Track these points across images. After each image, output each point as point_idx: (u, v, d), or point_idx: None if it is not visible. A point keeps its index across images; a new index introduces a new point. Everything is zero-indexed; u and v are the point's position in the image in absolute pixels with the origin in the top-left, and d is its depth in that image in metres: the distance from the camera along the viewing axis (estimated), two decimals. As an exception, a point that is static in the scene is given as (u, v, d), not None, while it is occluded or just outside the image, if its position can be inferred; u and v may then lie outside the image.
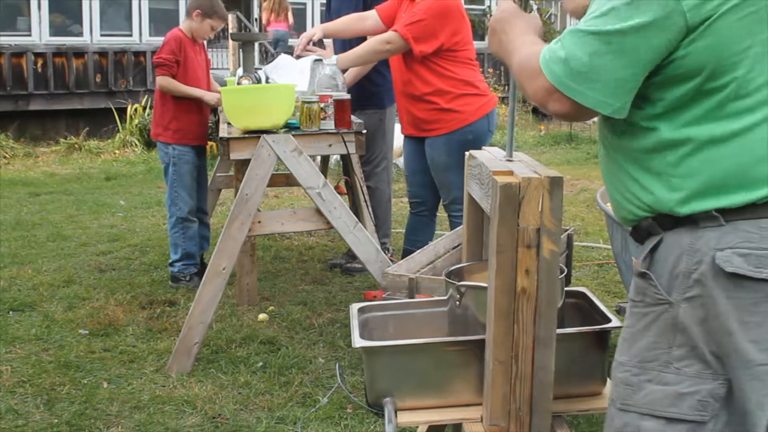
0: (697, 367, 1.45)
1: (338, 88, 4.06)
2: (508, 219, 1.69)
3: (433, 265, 2.94)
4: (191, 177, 4.69)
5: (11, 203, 7.15)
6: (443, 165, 4.06)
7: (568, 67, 1.41)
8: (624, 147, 1.53)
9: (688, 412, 1.46)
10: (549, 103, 1.46)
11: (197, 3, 4.64)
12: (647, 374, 1.49)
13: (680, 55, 1.40)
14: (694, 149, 1.43)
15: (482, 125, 4.05)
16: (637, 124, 1.49)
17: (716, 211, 1.41)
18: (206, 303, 3.48)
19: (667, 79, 1.43)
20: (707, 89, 1.41)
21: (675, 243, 1.47)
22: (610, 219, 3.23)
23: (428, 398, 1.91)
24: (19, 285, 4.66)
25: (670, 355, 1.47)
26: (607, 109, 1.42)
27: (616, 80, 1.40)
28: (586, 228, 6.04)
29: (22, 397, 3.23)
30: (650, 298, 1.50)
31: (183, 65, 4.60)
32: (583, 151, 10.64)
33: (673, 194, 1.45)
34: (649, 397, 1.49)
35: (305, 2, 13.75)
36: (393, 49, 3.97)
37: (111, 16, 12.09)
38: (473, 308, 1.90)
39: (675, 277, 1.46)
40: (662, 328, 1.48)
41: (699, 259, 1.43)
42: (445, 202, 4.20)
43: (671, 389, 1.47)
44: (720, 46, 1.38)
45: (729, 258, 1.40)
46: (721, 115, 1.41)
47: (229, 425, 3.00)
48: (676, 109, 1.44)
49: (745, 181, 1.41)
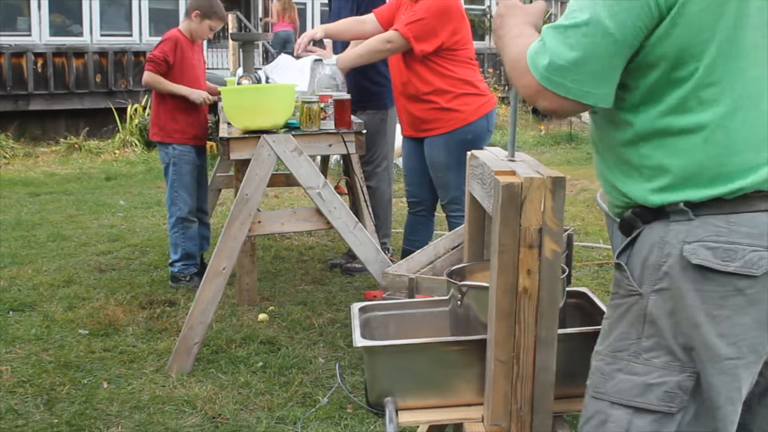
0: (665, 358, 1.47)
1: (338, 88, 4.06)
2: (510, 219, 1.69)
3: (433, 265, 2.93)
4: (191, 177, 4.69)
5: (11, 203, 7.14)
6: (442, 164, 4.06)
7: (550, 62, 1.43)
8: (606, 141, 1.57)
9: (655, 403, 1.48)
10: (538, 99, 1.48)
11: (196, 3, 4.64)
12: (618, 363, 1.52)
13: (651, 42, 1.41)
14: (666, 141, 1.45)
15: (482, 125, 4.05)
16: (616, 118, 1.51)
17: (685, 205, 1.43)
18: (206, 303, 3.48)
19: (639, 67, 1.44)
20: (675, 78, 1.42)
21: (648, 236, 1.49)
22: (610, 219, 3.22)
23: (429, 398, 1.91)
24: (19, 285, 4.66)
25: (640, 345, 1.50)
26: (591, 99, 1.44)
27: (594, 69, 1.41)
28: (586, 228, 6.04)
29: (22, 397, 3.23)
30: (623, 290, 1.53)
31: (179, 66, 4.60)
32: (583, 151, 10.64)
33: (646, 186, 1.48)
34: (618, 386, 1.52)
35: (305, 2, 13.75)
36: (393, 48, 3.97)
37: (111, 16, 12.08)
38: (474, 308, 1.90)
39: (646, 269, 1.48)
40: (633, 319, 1.51)
41: (668, 251, 1.45)
42: (443, 202, 4.19)
43: (639, 379, 1.49)
44: (686, 34, 1.39)
45: (696, 250, 1.42)
46: (689, 106, 1.42)
47: (229, 425, 3.00)
48: (649, 100, 1.45)
49: (716, 175, 1.42)
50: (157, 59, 4.55)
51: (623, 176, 1.53)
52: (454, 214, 4.13)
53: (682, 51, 1.40)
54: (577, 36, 1.41)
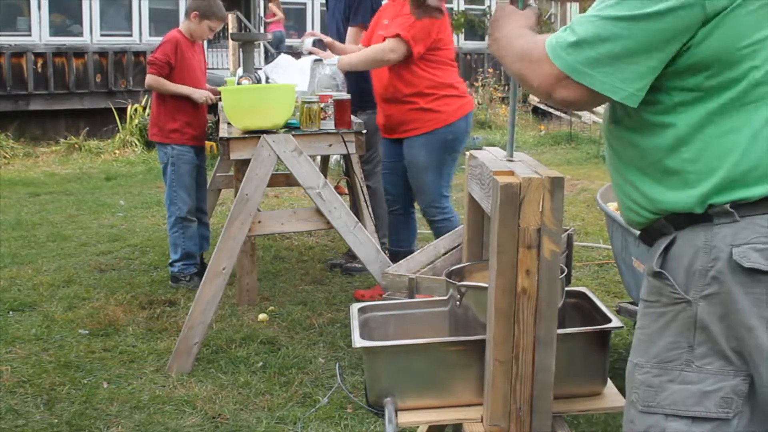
0: (719, 364, 1.44)
1: (338, 88, 4.06)
2: (508, 219, 1.69)
3: (433, 265, 2.94)
4: (190, 177, 4.69)
5: (11, 203, 7.14)
6: (422, 165, 4.08)
7: (580, 51, 1.40)
8: (637, 148, 1.51)
9: (714, 410, 1.44)
10: (557, 89, 1.44)
11: (195, 4, 4.64)
12: (669, 374, 1.48)
13: (695, 44, 1.38)
14: (712, 143, 1.42)
15: (461, 126, 4.10)
16: (651, 121, 1.47)
17: (731, 207, 1.40)
18: (206, 303, 3.48)
19: (681, 69, 1.41)
20: (724, 79, 1.40)
21: (689, 241, 1.45)
22: (610, 219, 3.23)
23: (428, 398, 1.91)
24: (19, 285, 4.66)
25: (692, 353, 1.46)
26: (619, 95, 1.41)
27: (629, 66, 1.39)
28: (586, 228, 6.04)
29: (22, 397, 3.23)
30: (666, 298, 1.48)
31: (179, 67, 4.60)
32: (583, 151, 10.63)
33: (691, 192, 1.44)
34: (672, 398, 1.48)
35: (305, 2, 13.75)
36: (396, 58, 3.98)
37: (111, 16, 12.09)
38: (474, 308, 1.90)
39: (692, 275, 1.44)
40: (681, 327, 1.47)
41: (715, 255, 1.42)
42: (422, 207, 4.18)
43: (695, 388, 1.45)
44: (735, 37, 1.37)
45: (746, 253, 1.39)
46: (735, 107, 1.40)
47: (229, 425, 3.00)
48: (692, 102, 1.43)
49: (764, 174, 1.40)
50: (159, 62, 4.55)
51: (658, 184, 1.48)
52: (436, 218, 4.13)
53: (731, 53, 1.38)
54: (615, 29, 1.37)
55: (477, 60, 14.90)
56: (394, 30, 3.96)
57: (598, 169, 9.03)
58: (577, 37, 1.41)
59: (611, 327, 1.94)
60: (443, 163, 4.09)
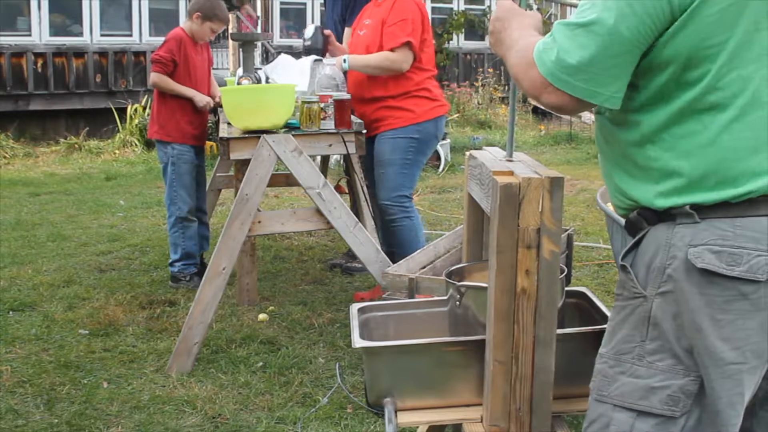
0: (669, 362, 1.47)
1: (338, 88, 4.06)
2: (508, 219, 1.69)
3: (433, 265, 2.94)
4: (190, 176, 4.69)
5: (11, 203, 7.14)
6: (385, 160, 4.12)
7: (559, 58, 1.42)
8: (612, 141, 1.56)
9: (658, 406, 1.47)
10: (543, 95, 1.46)
11: (198, 5, 4.63)
12: (621, 366, 1.52)
13: (662, 42, 1.40)
14: (673, 143, 1.44)
15: (429, 127, 4.14)
16: (624, 118, 1.50)
17: (691, 208, 1.42)
18: (206, 303, 3.48)
19: (648, 66, 1.44)
20: (685, 80, 1.41)
21: (654, 238, 1.48)
22: (610, 219, 3.22)
23: (428, 398, 1.91)
24: (19, 285, 4.66)
25: (643, 348, 1.49)
26: (598, 99, 1.43)
27: (603, 69, 1.41)
28: (586, 228, 6.04)
29: (22, 397, 3.23)
30: (628, 292, 1.52)
31: (183, 65, 4.60)
32: (583, 151, 10.63)
33: (652, 188, 1.47)
34: (621, 389, 1.51)
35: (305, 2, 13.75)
36: (408, 67, 4.05)
37: (111, 16, 12.08)
38: (473, 308, 1.90)
39: (651, 272, 1.47)
40: (637, 321, 1.50)
41: (673, 254, 1.44)
42: (381, 202, 4.16)
43: (643, 382, 1.49)
44: (699, 36, 1.38)
45: (701, 254, 1.41)
46: (698, 109, 1.41)
47: (229, 425, 3.00)
48: (658, 101, 1.45)
49: (723, 178, 1.41)
50: (164, 59, 4.55)
51: (629, 177, 1.52)
52: (396, 216, 4.11)
53: (693, 53, 1.39)
54: (587, 35, 1.40)
55: (477, 60, 14.89)
56: (402, 38, 3.98)
57: (597, 169, 8.98)
58: (556, 44, 1.43)
59: (611, 327, 1.94)
60: (406, 161, 4.12)
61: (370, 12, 4.22)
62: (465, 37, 14.85)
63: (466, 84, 13.74)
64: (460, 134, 11.54)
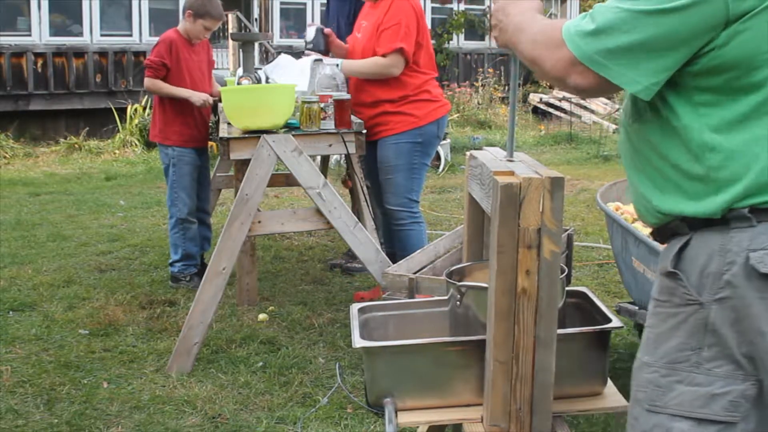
0: (728, 368, 1.44)
1: (338, 88, 4.06)
2: (508, 219, 1.69)
3: (433, 265, 2.94)
4: (191, 178, 4.68)
5: (11, 203, 7.14)
6: (391, 166, 4.13)
7: (598, 40, 1.39)
8: (657, 148, 1.49)
9: (720, 413, 1.44)
10: (570, 75, 1.43)
11: (189, 3, 4.60)
12: (677, 375, 1.47)
13: (718, 45, 1.37)
14: (737, 151, 1.40)
15: (432, 129, 4.14)
16: (679, 127, 1.45)
17: (749, 212, 1.39)
18: (206, 303, 3.48)
19: (704, 70, 1.40)
20: (745, 85, 1.38)
21: (704, 243, 1.44)
22: (610, 219, 3.23)
23: (428, 398, 1.91)
24: (19, 285, 4.66)
25: (701, 356, 1.45)
26: (633, 87, 1.40)
27: (645, 60, 1.38)
28: (586, 228, 6.04)
29: (22, 397, 3.23)
30: (679, 299, 1.47)
31: (176, 67, 4.56)
32: (583, 151, 10.63)
33: (713, 199, 1.42)
34: (679, 398, 1.47)
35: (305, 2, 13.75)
36: (398, 72, 4.04)
37: (111, 16, 12.09)
38: (474, 308, 1.90)
39: (705, 278, 1.43)
40: (692, 328, 1.46)
41: (731, 260, 1.40)
42: (389, 207, 4.18)
43: (703, 390, 1.45)
44: (758, 42, 1.36)
45: (763, 259, 1.37)
46: (761, 113, 1.39)
47: (229, 425, 3.00)
48: (717, 107, 1.41)
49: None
50: (154, 64, 4.52)
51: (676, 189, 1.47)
52: (405, 221, 4.13)
53: (753, 57, 1.36)
54: (635, 21, 1.36)
55: (477, 60, 14.90)
56: (394, 43, 3.97)
57: (598, 169, 9.03)
58: (596, 25, 1.39)
59: (611, 327, 1.94)
60: (412, 165, 4.13)
61: (367, 13, 4.22)
62: (465, 37, 14.86)
63: (466, 84, 13.75)
64: (460, 134, 11.55)
